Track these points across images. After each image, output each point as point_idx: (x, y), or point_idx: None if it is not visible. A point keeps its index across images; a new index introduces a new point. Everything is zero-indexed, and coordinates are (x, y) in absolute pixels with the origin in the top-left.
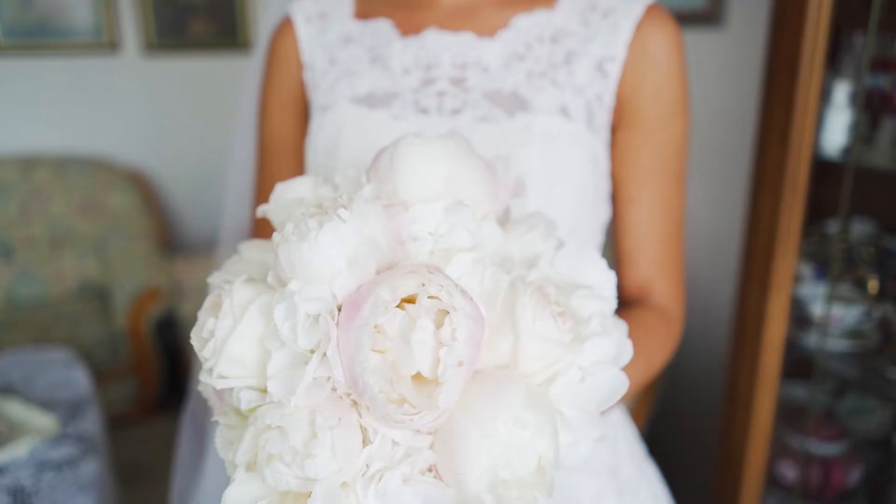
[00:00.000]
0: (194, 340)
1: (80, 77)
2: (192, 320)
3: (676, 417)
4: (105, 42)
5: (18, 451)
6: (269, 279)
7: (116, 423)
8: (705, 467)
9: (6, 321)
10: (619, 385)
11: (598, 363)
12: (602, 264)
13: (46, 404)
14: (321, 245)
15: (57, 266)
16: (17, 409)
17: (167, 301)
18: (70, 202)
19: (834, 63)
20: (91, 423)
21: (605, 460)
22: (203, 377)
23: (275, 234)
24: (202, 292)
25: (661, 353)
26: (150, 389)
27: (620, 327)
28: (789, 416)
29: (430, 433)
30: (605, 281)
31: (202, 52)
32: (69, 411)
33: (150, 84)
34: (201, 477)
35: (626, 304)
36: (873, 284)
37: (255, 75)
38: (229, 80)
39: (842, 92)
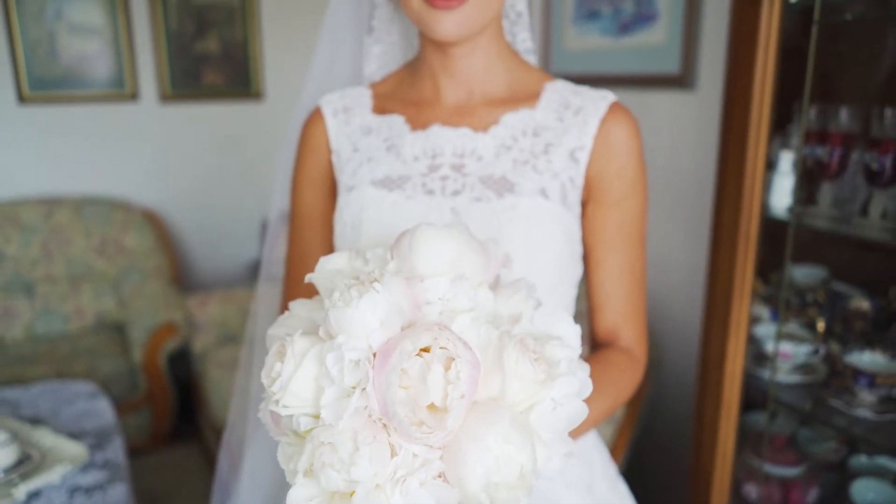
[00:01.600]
0: (264, 379)
1: (99, 124)
2: (205, 354)
3: (655, 442)
4: (127, 93)
5: (52, 476)
6: (321, 333)
7: (131, 453)
8: (680, 487)
9: (28, 355)
10: (582, 412)
11: (565, 396)
12: (569, 321)
13: (74, 434)
14: (361, 310)
15: (75, 302)
16: (48, 438)
17: (182, 336)
18: (89, 242)
19: (783, 133)
20: (116, 451)
21: (581, 476)
22: (271, 407)
23: (325, 300)
24: (214, 327)
25: (628, 385)
26: (164, 421)
27: (584, 368)
28: (754, 442)
29: (440, 448)
30: (571, 333)
31: (214, 100)
32: (96, 440)
33: (166, 130)
34: (236, 496)
35: (598, 346)
36: (821, 325)
37: (290, 148)
38: (239, 126)
39: (787, 160)
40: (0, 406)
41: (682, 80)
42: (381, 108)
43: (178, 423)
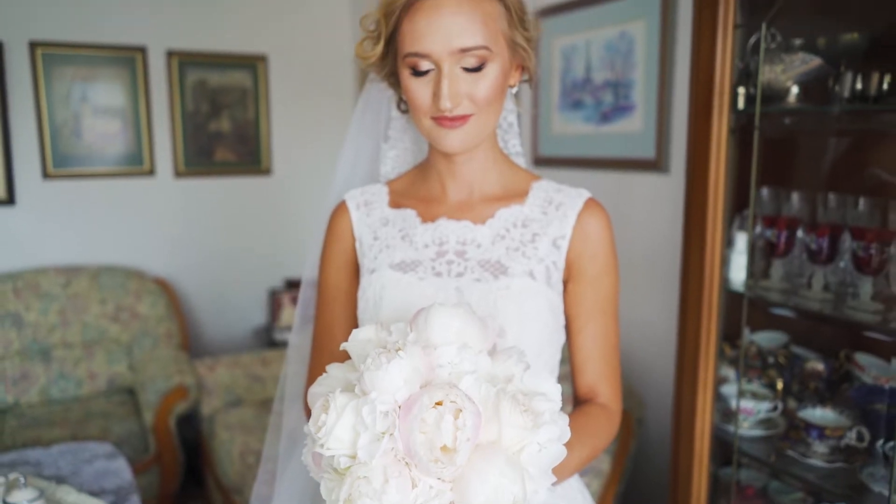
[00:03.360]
0: (311, 427)
1: (117, 198)
2: (213, 416)
3: (639, 495)
4: (144, 169)
5: None
6: (357, 390)
7: None
8: None
9: (44, 418)
10: (561, 453)
11: (548, 440)
12: (552, 380)
13: (94, 492)
14: (390, 373)
15: (88, 367)
16: (72, 496)
17: (192, 399)
18: (104, 309)
19: (741, 216)
20: None
21: None
22: (316, 449)
23: (359, 364)
24: (222, 391)
25: (605, 435)
26: (172, 481)
27: (563, 419)
28: (728, 493)
29: (450, 480)
30: (553, 390)
31: (225, 175)
32: (115, 498)
33: (179, 203)
34: None
35: (579, 402)
36: (780, 384)
37: (318, 236)
38: (247, 200)
39: (742, 240)
40: (23, 467)
41: (656, 164)
42: (396, 203)
43: (184, 483)
